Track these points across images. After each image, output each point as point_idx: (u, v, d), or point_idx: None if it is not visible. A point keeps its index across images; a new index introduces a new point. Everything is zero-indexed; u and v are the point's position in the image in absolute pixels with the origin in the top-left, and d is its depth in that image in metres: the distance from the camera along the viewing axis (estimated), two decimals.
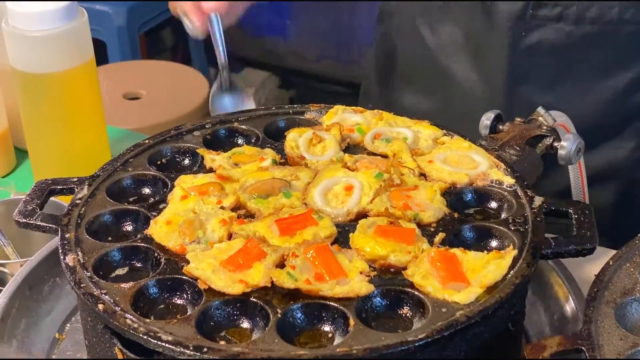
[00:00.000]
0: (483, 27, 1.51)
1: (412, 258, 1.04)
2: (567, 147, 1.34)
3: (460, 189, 1.17)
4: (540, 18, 1.47)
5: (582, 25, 1.46)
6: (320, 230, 1.08)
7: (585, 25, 1.46)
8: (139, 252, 1.08)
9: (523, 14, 1.47)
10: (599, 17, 1.45)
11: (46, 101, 1.50)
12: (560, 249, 1.07)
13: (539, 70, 1.50)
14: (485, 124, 1.39)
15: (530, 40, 1.48)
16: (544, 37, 1.48)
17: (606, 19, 1.45)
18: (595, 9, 1.45)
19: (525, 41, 1.49)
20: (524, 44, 1.49)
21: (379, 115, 1.30)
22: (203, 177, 1.18)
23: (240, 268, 1.02)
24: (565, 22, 1.47)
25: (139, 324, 0.96)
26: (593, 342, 0.94)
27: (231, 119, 1.32)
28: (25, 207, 1.15)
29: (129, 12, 3.44)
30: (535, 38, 1.48)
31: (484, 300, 0.98)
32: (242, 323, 1.00)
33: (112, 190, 1.18)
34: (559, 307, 1.19)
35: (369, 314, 1.00)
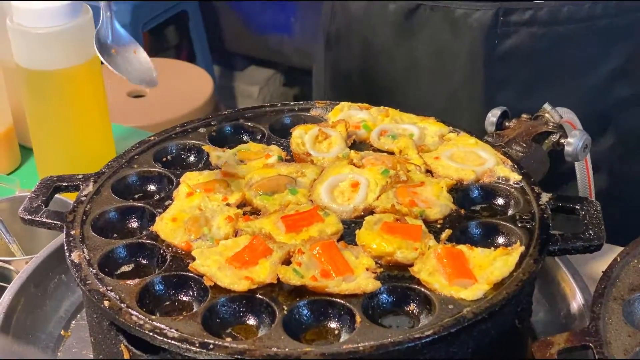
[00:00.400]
0: (454, 41, 1.48)
1: (418, 255, 1.04)
2: (573, 144, 1.34)
3: (466, 186, 1.16)
4: (512, 24, 1.45)
5: (555, 27, 1.45)
6: (326, 227, 1.07)
7: (558, 26, 1.45)
8: (145, 249, 1.08)
9: (494, 23, 1.45)
10: (571, 16, 1.44)
11: (51, 98, 1.50)
12: (567, 245, 1.06)
13: (516, 76, 1.49)
14: (492, 121, 1.39)
15: (504, 47, 1.47)
16: (517, 43, 1.46)
17: (578, 17, 1.45)
18: (567, 9, 1.44)
19: (499, 49, 1.47)
20: (499, 53, 1.47)
21: (385, 111, 1.30)
22: (209, 174, 1.18)
23: (246, 265, 1.02)
24: (538, 25, 1.45)
25: (144, 321, 0.96)
26: (601, 338, 0.93)
27: (237, 115, 1.32)
28: (30, 204, 1.15)
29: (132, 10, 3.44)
30: (509, 45, 1.46)
31: (490, 296, 0.98)
32: (248, 320, 1.00)
33: (118, 187, 1.18)
34: (566, 303, 1.19)
35: (375, 310, 0.99)
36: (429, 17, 1.48)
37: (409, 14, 1.49)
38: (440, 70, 1.51)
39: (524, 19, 1.44)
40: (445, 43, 1.48)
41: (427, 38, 1.50)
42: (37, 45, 1.46)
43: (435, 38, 1.49)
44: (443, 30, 1.48)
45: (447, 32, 1.48)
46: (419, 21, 1.49)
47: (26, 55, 1.47)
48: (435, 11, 1.47)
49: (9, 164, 1.70)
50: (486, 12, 1.44)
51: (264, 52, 3.84)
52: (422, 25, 1.49)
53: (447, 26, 1.47)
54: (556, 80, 1.48)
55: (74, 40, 1.46)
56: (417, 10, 1.48)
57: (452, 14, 1.46)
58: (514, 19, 1.44)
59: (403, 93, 1.31)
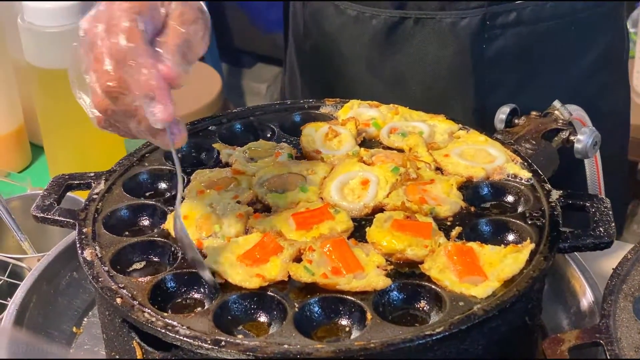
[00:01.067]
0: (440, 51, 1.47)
1: (428, 252, 1.04)
2: (583, 141, 1.34)
3: (476, 183, 1.17)
4: (498, 27, 1.44)
5: (539, 24, 1.45)
6: (336, 225, 1.08)
7: (542, 23, 1.45)
8: (156, 247, 1.09)
9: (481, 28, 1.44)
10: (554, 12, 1.44)
11: (61, 97, 1.50)
12: (577, 242, 1.06)
13: (504, 77, 1.48)
14: (501, 118, 1.39)
15: (491, 51, 1.45)
16: (504, 45, 1.45)
17: (561, 12, 1.45)
18: (550, 6, 1.44)
19: (487, 53, 1.46)
20: (486, 57, 1.46)
21: (395, 109, 1.30)
22: (219, 172, 1.19)
23: (257, 262, 1.03)
24: (523, 25, 1.44)
25: (156, 318, 0.97)
26: (611, 335, 0.93)
27: (247, 113, 1.32)
28: (43, 202, 1.15)
29: None
30: (496, 48, 1.45)
31: (501, 294, 0.98)
32: (259, 317, 1.00)
33: (129, 185, 1.19)
34: (576, 300, 1.19)
35: (386, 307, 1.00)
36: (413, 29, 1.46)
37: (392, 28, 1.47)
38: (428, 80, 1.49)
39: (509, 20, 1.44)
40: (431, 53, 1.47)
41: (412, 50, 1.48)
42: (48, 44, 1.46)
43: (421, 49, 1.47)
44: (429, 41, 1.46)
45: (433, 42, 1.46)
46: (403, 34, 1.47)
47: (37, 53, 1.48)
48: (419, 23, 1.45)
49: (20, 162, 1.71)
50: (473, 18, 1.43)
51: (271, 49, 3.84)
52: (407, 38, 1.47)
53: (433, 36, 1.46)
54: (542, 77, 1.48)
55: None
56: (401, 23, 1.46)
57: (438, 24, 1.44)
58: (499, 22, 1.44)
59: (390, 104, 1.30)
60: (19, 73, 1.64)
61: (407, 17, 1.46)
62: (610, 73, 1.56)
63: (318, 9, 1.55)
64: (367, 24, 1.49)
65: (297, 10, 1.61)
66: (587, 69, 1.51)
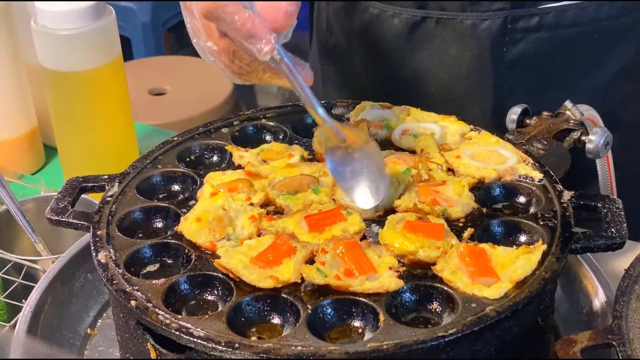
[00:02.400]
0: (461, 52, 1.47)
1: (441, 253, 1.05)
2: (595, 141, 1.34)
3: (488, 184, 1.17)
4: (519, 31, 1.44)
5: (560, 30, 1.44)
6: (349, 226, 1.08)
7: (563, 29, 1.44)
8: (170, 249, 1.09)
9: (502, 31, 1.44)
10: (576, 19, 1.44)
11: (75, 99, 1.51)
12: (589, 243, 1.07)
13: (523, 82, 1.48)
14: (512, 119, 1.40)
15: (511, 55, 1.46)
16: (524, 49, 1.45)
17: (583, 20, 1.44)
18: (572, 12, 1.43)
19: (507, 57, 1.46)
20: (506, 60, 1.46)
21: (407, 110, 1.30)
22: (232, 174, 1.19)
23: (270, 264, 1.03)
24: (544, 30, 1.44)
25: (171, 320, 0.97)
26: (623, 336, 0.94)
27: (259, 115, 1.33)
28: (57, 205, 1.16)
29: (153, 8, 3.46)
30: (516, 52, 1.45)
31: (513, 295, 0.99)
32: (272, 319, 1.01)
33: (142, 188, 1.19)
34: (588, 301, 1.19)
35: (398, 309, 1.00)
36: (434, 29, 1.47)
37: (413, 28, 1.47)
38: (447, 81, 1.50)
39: (531, 24, 1.44)
40: (452, 54, 1.47)
41: (433, 50, 1.48)
42: (61, 47, 1.47)
43: (442, 50, 1.48)
44: (449, 42, 1.47)
45: (454, 43, 1.46)
46: (424, 34, 1.47)
47: (50, 56, 1.49)
48: (441, 23, 1.46)
49: (33, 163, 1.72)
50: (494, 21, 1.43)
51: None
52: (428, 37, 1.47)
53: (453, 37, 1.46)
54: (563, 82, 1.48)
55: (97, 41, 1.48)
56: (422, 23, 1.46)
57: (459, 25, 1.45)
58: (520, 26, 1.44)
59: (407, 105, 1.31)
60: (32, 75, 1.65)
61: (429, 17, 1.46)
62: (634, 83, 1.54)
63: (342, 6, 1.56)
64: (388, 23, 1.50)
65: (322, 9, 1.63)
66: (609, 78, 1.50)
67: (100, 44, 1.48)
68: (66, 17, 1.45)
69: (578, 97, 1.43)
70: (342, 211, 1.10)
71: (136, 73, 3.10)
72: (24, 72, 1.65)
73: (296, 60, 1.10)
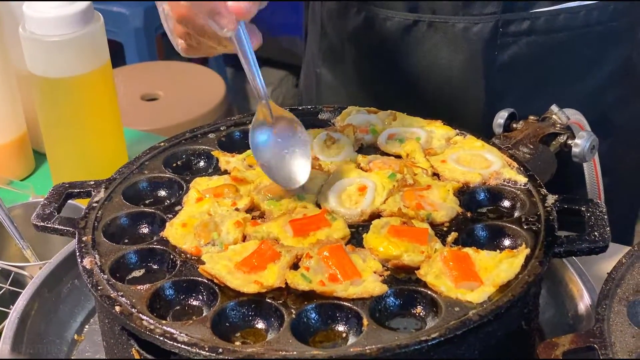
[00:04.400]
0: (453, 55, 1.48)
1: (425, 258, 1.05)
2: (581, 145, 1.35)
3: (473, 188, 1.17)
4: (511, 35, 1.45)
5: (552, 35, 1.45)
6: (333, 232, 1.09)
7: (555, 33, 1.45)
8: (155, 254, 1.10)
9: (494, 35, 1.45)
10: (568, 23, 1.45)
11: (63, 105, 1.52)
12: (572, 247, 1.07)
13: (515, 85, 1.49)
14: (499, 123, 1.40)
15: (503, 58, 1.46)
16: (516, 53, 1.46)
17: (574, 24, 1.45)
18: (563, 17, 1.44)
19: (499, 60, 1.47)
20: (498, 63, 1.47)
21: (393, 115, 1.31)
22: (218, 179, 1.20)
23: (254, 269, 1.03)
24: (536, 34, 1.45)
25: (155, 326, 0.98)
26: (605, 340, 0.94)
27: (246, 120, 1.33)
28: (43, 211, 1.17)
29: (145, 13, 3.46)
30: (508, 55, 1.46)
31: (496, 299, 0.99)
32: (257, 324, 1.01)
33: (129, 193, 1.20)
34: (573, 304, 1.19)
35: (382, 313, 1.01)
36: (426, 32, 1.47)
37: (405, 31, 1.48)
38: (439, 84, 1.50)
39: (522, 28, 1.44)
40: (443, 57, 1.48)
41: (425, 53, 1.49)
42: (50, 53, 1.47)
43: (434, 53, 1.49)
44: (441, 45, 1.48)
45: (446, 46, 1.47)
46: (417, 37, 1.48)
47: (39, 63, 1.49)
48: (433, 27, 1.47)
49: (23, 169, 1.72)
50: (486, 24, 1.44)
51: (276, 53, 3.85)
52: (420, 41, 1.49)
53: (445, 40, 1.47)
54: (555, 86, 1.49)
55: (86, 48, 1.48)
56: (415, 26, 1.47)
57: (451, 28, 1.46)
58: (512, 30, 1.44)
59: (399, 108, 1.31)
60: (21, 82, 1.65)
61: (421, 20, 1.47)
62: (627, 87, 1.55)
63: (335, 9, 1.57)
64: (381, 26, 1.51)
65: (316, 11, 1.64)
66: (601, 82, 1.51)
67: (88, 50, 1.49)
68: (54, 23, 1.45)
69: (569, 101, 1.43)
70: (326, 216, 1.11)
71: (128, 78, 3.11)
72: (13, 78, 1.65)
73: (248, 26, 1.14)
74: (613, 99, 1.54)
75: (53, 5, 1.45)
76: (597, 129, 1.39)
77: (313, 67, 1.68)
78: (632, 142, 1.61)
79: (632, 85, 1.56)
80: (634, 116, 1.59)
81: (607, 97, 1.53)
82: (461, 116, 1.41)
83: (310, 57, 1.70)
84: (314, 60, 1.68)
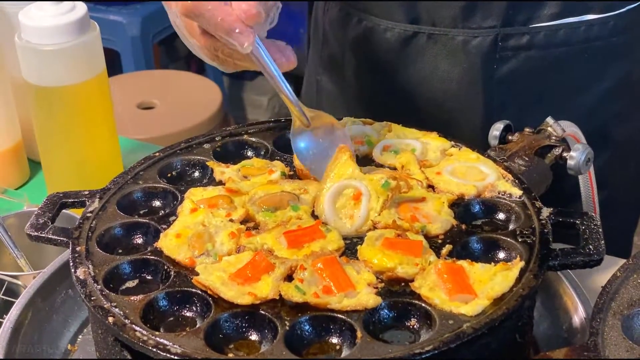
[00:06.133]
0: (451, 68, 1.48)
1: (419, 270, 1.05)
2: (576, 157, 1.35)
3: (467, 201, 1.17)
4: (510, 49, 1.45)
5: (551, 49, 1.45)
6: (327, 244, 1.08)
7: (554, 48, 1.45)
8: (149, 265, 1.09)
9: (493, 48, 1.45)
10: (567, 39, 1.45)
11: (58, 114, 1.52)
12: (567, 260, 1.07)
13: (514, 99, 1.49)
14: (495, 135, 1.40)
15: (501, 72, 1.46)
16: (515, 67, 1.46)
17: (574, 39, 1.45)
18: (563, 32, 1.44)
19: (497, 74, 1.47)
20: (497, 77, 1.47)
21: (388, 127, 1.31)
22: (212, 190, 1.19)
23: (248, 281, 1.03)
24: (535, 49, 1.45)
25: (148, 337, 0.97)
26: (599, 354, 0.94)
27: (241, 131, 1.33)
28: (37, 220, 1.16)
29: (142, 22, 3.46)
30: (507, 69, 1.46)
31: (490, 312, 0.99)
32: (250, 335, 1.01)
33: (123, 203, 1.19)
34: (568, 318, 1.19)
35: (376, 326, 1.00)
36: (426, 44, 1.48)
37: (405, 42, 1.49)
38: (438, 95, 1.50)
39: (522, 43, 1.44)
40: (442, 69, 1.48)
41: (424, 65, 1.49)
42: (45, 62, 1.47)
43: (433, 64, 1.49)
44: (440, 57, 1.48)
45: (445, 59, 1.48)
46: (416, 49, 1.49)
47: (34, 71, 1.49)
48: (432, 39, 1.47)
49: (18, 178, 1.72)
50: (485, 38, 1.44)
51: None
52: (419, 52, 1.49)
53: (444, 52, 1.47)
54: (553, 100, 1.49)
55: (81, 57, 1.48)
56: (414, 37, 1.48)
57: (451, 41, 1.46)
58: (511, 44, 1.45)
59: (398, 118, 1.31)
60: (16, 90, 1.65)
61: (421, 32, 1.48)
62: (627, 101, 1.55)
63: (337, 18, 1.58)
64: (381, 37, 1.51)
65: (319, 20, 1.65)
66: (599, 96, 1.51)
67: (84, 59, 1.49)
68: (50, 32, 1.45)
69: (567, 115, 1.44)
70: (321, 228, 1.11)
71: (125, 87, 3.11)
72: (9, 87, 1.65)
73: (276, 44, 1.15)
74: (611, 113, 1.54)
75: (49, 14, 1.45)
76: (595, 144, 1.39)
77: (314, 75, 1.69)
78: (630, 157, 1.61)
79: (631, 100, 1.56)
80: (632, 131, 1.59)
81: (606, 112, 1.54)
82: (459, 128, 1.41)
83: (312, 64, 1.71)
84: (315, 68, 1.69)
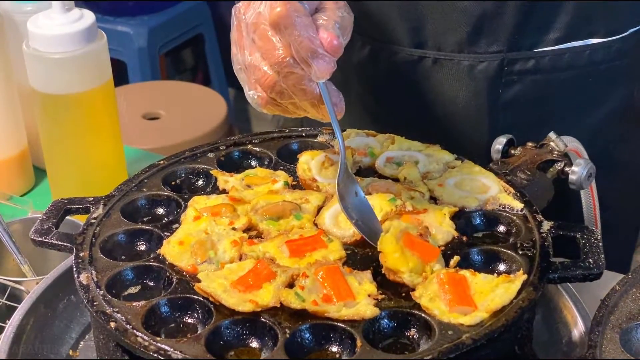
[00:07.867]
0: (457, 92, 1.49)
1: (422, 279, 1.06)
2: (578, 172, 1.35)
3: (469, 213, 1.18)
4: (516, 73, 1.45)
5: (556, 73, 1.46)
6: (329, 253, 1.09)
7: (560, 72, 1.46)
8: (152, 272, 1.10)
9: (499, 73, 1.45)
10: (572, 62, 1.45)
11: (65, 122, 1.53)
12: (567, 273, 1.08)
13: (519, 122, 1.49)
14: (497, 149, 1.41)
15: (507, 96, 1.47)
16: (520, 91, 1.47)
17: (579, 63, 1.46)
18: (568, 56, 1.45)
19: (503, 98, 1.47)
20: (502, 101, 1.47)
21: (391, 138, 1.31)
22: (216, 198, 1.20)
23: (250, 289, 1.04)
24: (541, 73, 1.46)
25: (149, 343, 0.98)
26: None
27: (245, 141, 1.34)
28: (41, 226, 1.17)
29: (149, 33, 3.48)
30: (512, 93, 1.47)
31: (489, 323, 0.99)
32: (251, 342, 1.01)
33: (127, 210, 1.20)
34: (568, 331, 1.19)
35: (376, 335, 1.01)
36: (431, 69, 1.48)
37: (410, 66, 1.49)
38: (443, 120, 1.51)
39: (527, 67, 1.45)
40: (448, 93, 1.49)
41: (429, 89, 1.49)
42: (52, 70, 1.48)
43: (438, 88, 1.49)
44: (446, 81, 1.48)
45: (450, 83, 1.48)
46: (421, 73, 1.49)
47: (41, 79, 1.50)
48: (438, 63, 1.48)
49: (23, 185, 1.73)
50: (491, 63, 1.45)
51: None
52: (424, 76, 1.49)
53: (450, 77, 1.48)
54: (557, 123, 1.49)
55: (88, 65, 1.49)
56: (420, 62, 1.48)
57: (456, 66, 1.46)
58: (517, 68, 1.45)
59: None
60: (23, 98, 1.66)
61: (426, 56, 1.48)
62: (631, 123, 1.56)
63: None
64: (385, 61, 1.51)
65: None
66: (603, 119, 1.52)
67: (91, 67, 1.50)
68: (58, 40, 1.47)
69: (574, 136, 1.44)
70: (323, 237, 1.11)
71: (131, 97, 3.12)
72: (16, 94, 1.66)
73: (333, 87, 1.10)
74: (614, 136, 1.55)
75: (57, 23, 1.46)
76: (598, 165, 1.40)
77: None
78: (632, 178, 1.62)
79: (634, 122, 1.57)
80: (635, 152, 1.60)
81: (609, 134, 1.54)
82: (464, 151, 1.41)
83: None
84: None
